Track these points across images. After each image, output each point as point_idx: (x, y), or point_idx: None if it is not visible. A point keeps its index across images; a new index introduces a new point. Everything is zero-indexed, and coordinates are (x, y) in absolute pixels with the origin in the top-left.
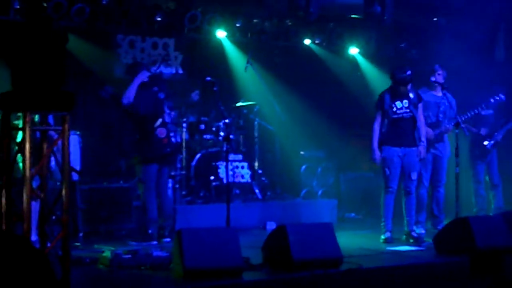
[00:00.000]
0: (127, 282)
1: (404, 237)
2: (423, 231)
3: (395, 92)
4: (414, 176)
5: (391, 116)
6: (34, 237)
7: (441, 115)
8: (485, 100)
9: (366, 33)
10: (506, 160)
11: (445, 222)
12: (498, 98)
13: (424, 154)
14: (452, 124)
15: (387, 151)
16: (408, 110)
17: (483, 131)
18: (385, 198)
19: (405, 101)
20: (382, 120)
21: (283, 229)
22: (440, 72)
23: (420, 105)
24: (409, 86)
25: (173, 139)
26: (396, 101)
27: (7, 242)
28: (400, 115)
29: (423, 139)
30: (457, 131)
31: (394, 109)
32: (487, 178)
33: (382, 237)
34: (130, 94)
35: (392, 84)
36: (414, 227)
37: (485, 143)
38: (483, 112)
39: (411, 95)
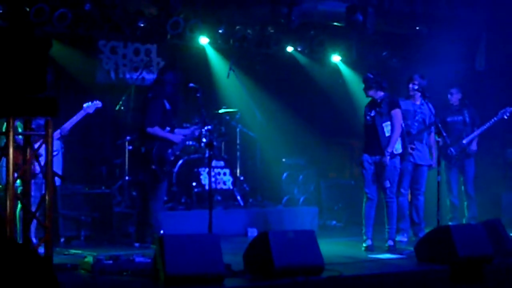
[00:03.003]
0: (109, 287)
1: (386, 245)
2: (404, 239)
3: (372, 100)
4: (386, 184)
5: (364, 124)
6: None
7: (416, 124)
8: (450, 107)
9: (348, 41)
10: (481, 170)
11: (426, 230)
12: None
13: (385, 163)
14: (434, 132)
15: (363, 158)
16: (370, 119)
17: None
18: (365, 205)
19: (377, 109)
20: None
21: (265, 236)
22: (416, 81)
23: (394, 113)
24: (376, 94)
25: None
26: (372, 109)
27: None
28: (367, 123)
29: (390, 150)
30: (438, 139)
31: (367, 117)
32: (462, 188)
33: (364, 245)
34: None
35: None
36: (395, 235)
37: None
38: (448, 119)
39: (382, 104)
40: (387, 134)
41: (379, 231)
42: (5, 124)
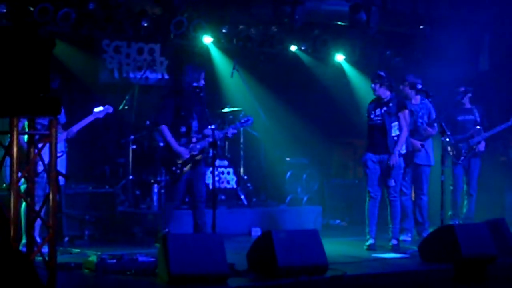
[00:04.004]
0: (112, 286)
1: (390, 244)
2: (408, 239)
3: (376, 99)
4: (391, 183)
5: (368, 123)
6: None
7: (419, 120)
8: (460, 105)
9: (351, 41)
10: (484, 169)
11: (430, 229)
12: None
13: (394, 162)
14: (436, 129)
15: (365, 156)
16: (379, 118)
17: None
18: (368, 204)
19: (384, 108)
20: None
21: (268, 235)
22: (407, 82)
23: (401, 115)
24: (385, 93)
25: None
26: (377, 108)
27: None
28: (374, 122)
29: (399, 149)
30: (442, 138)
31: (372, 115)
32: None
33: (366, 243)
34: None
35: None
36: (399, 235)
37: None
38: (458, 118)
39: (390, 104)
40: (393, 134)
41: (383, 231)
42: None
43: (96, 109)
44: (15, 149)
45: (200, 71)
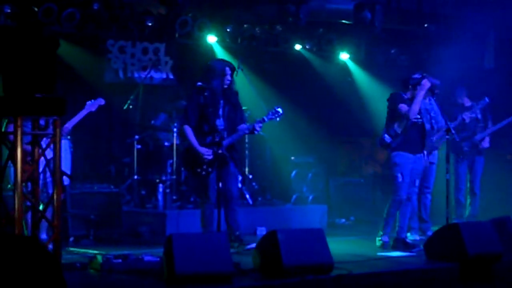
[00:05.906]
0: (118, 286)
1: (393, 243)
2: (417, 237)
3: (408, 97)
4: (418, 183)
5: (412, 120)
6: None
7: (433, 121)
8: (473, 106)
9: (356, 39)
10: (491, 167)
11: (431, 228)
12: (483, 102)
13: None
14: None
15: (402, 157)
16: (419, 117)
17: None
18: (392, 207)
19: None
20: (398, 122)
21: (274, 235)
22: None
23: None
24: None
25: None
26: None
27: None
28: (416, 121)
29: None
30: (447, 137)
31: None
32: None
33: (378, 239)
34: None
35: (408, 88)
36: (408, 234)
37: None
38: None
39: None
40: None
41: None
42: (4, 123)
43: (88, 102)
44: (19, 150)
45: (223, 65)
